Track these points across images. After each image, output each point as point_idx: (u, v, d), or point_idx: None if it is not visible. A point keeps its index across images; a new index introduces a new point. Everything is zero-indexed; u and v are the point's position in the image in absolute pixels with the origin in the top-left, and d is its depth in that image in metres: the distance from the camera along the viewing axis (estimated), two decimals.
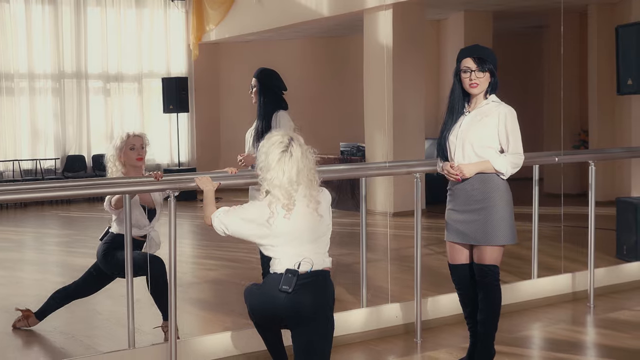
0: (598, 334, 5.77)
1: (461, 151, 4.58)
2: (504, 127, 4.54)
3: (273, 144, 4.02)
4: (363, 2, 11.91)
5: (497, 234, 4.52)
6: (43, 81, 14.35)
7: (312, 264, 3.97)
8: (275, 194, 3.96)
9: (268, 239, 4.00)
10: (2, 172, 13.91)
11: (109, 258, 5.35)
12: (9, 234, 10.97)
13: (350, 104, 14.43)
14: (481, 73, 4.52)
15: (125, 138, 5.52)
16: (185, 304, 6.40)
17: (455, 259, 4.68)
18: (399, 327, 5.59)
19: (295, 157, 3.98)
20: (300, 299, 3.91)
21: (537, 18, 13.81)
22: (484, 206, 4.52)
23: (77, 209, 13.28)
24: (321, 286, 4.01)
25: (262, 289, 4.01)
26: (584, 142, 13.29)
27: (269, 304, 3.95)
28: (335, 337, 5.27)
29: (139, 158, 5.51)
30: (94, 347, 5.29)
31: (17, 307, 5.80)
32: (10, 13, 13.99)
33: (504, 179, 4.57)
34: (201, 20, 15.68)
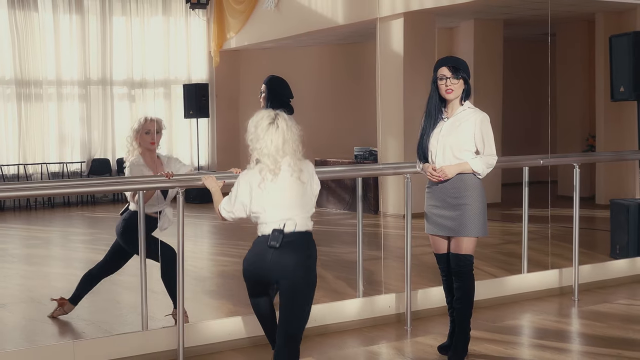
0: (577, 323, 6.22)
1: (442, 154, 5.06)
2: (479, 131, 5.02)
3: (261, 117, 4.54)
4: (376, 11, 12.36)
5: (472, 226, 5.01)
6: (70, 88, 14.90)
7: (296, 224, 4.43)
8: (265, 161, 4.46)
9: (260, 206, 4.45)
10: (31, 174, 14.47)
11: (126, 236, 5.77)
12: (37, 232, 11.53)
13: (364, 109, 14.88)
14: (456, 80, 5.01)
15: (143, 122, 5.92)
16: (200, 295, 6.91)
17: (439, 249, 5.17)
18: (391, 316, 6.06)
19: (282, 129, 4.50)
20: (286, 254, 4.35)
21: (546, 26, 14.16)
22: (460, 202, 5.01)
23: (102, 210, 13.81)
24: (304, 244, 4.44)
25: (252, 251, 4.49)
26: (591, 147, 13.65)
27: (259, 261, 4.41)
28: (331, 324, 5.83)
29: (152, 142, 5.89)
30: (110, 332, 5.80)
31: (52, 298, 6.23)
32: (39, 22, 14.56)
33: (479, 178, 5.06)
34: (222, 29, 16.20)
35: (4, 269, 8.55)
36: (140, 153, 5.92)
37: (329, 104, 15.77)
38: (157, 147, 5.99)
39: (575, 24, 14.05)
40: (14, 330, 6.04)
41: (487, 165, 5.06)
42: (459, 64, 5.05)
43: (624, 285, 7.27)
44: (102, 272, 6.20)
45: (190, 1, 15.88)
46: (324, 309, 5.85)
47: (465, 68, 5.06)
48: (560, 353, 5.30)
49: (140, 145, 5.92)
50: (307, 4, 13.89)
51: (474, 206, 5.00)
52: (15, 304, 6.85)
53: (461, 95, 5.08)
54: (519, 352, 5.32)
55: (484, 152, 5.06)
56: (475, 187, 5.05)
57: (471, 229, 5.02)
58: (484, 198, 5.09)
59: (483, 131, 5.04)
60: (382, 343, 5.60)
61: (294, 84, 7.23)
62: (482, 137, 5.04)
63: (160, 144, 6.05)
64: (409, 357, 5.31)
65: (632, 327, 5.85)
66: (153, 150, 5.95)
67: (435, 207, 5.11)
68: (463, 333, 5.11)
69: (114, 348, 5.07)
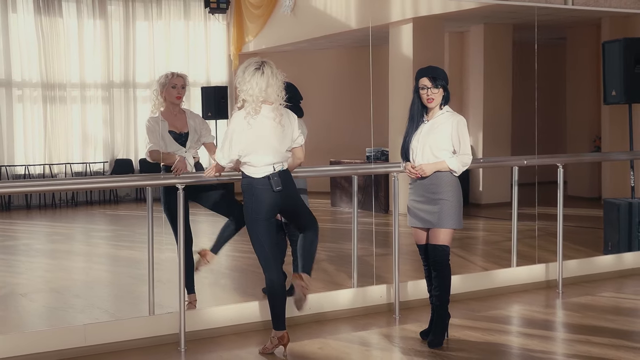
0: (555, 313, 6.63)
1: (421, 153, 5.52)
2: (456, 133, 5.49)
3: (249, 64, 5.25)
4: (387, 16, 12.79)
5: (448, 219, 5.47)
6: (93, 90, 15.41)
7: (282, 164, 5.32)
8: (249, 101, 5.15)
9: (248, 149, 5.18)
10: (57, 174, 15.00)
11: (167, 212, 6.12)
12: (60, 229, 12.07)
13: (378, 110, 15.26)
14: (436, 89, 5.47)
15: (170, 76, 6.12)
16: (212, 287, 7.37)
17: (420, 241, 5.63)
18: (382, 305, 6.50)
19: (267, 75, 5.19)
20: (287, 188, 5.29)
21: (555, 30, 14.53)
22: (437, 197, 5.48)
23: (124, 208, 14.32)
24: (290, 177, 5.39)
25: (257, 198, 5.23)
26: (598, 148, 13.97)
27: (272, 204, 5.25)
28: (326, 312, 6.30)
29: (178, 97, 6.10)
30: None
31: (196, 251, 6.34)
32: (64, 28, 15.09)
33: (455, 175, 5.52)
34: (241, 32, 16.67)
35: (28, 262, 9.08)
36: (162, 110, 6.15)
37: (345, 106, 16.18)
38: (181, 102, 6.21)
39: (583, 28, 14.40)
40: (34, 316, 6.55)
41: (463, 164, 5.51)
42: (437, 74, 5.50)
43: (610, 280, 7.64)
44: (235, 224, 6.32)
45: (210, 6, 16.36)
46: (320, 297, 6.32)
47: (443, 77, 5.52)
48: (533, 339, 5.72)
49: (166, 100, 6.15)
50: (322, 9, 14.36)
51: (450, 201, 5.46)
52: (35, 293, 7.35)
53: (441, 102, 5.52)
54: (495, 338, 5.73)
55: (460, 152, 5.51)
56: (452, 184, 5.50)
57: (447, 221, 5.47)
58: (460, 194, 5.54)
59: (459, 133, 5.51)
60: (372, 329, 6.03)
61: (310, 86, 7.69)
62: (458, 138, 5.50)
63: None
64: (395, 341, 5.75)
65: (606, 317, 6.26)
66: (178, 105, 6.17)
67: (416, 202, 5.56)
68: (441, 319, 5.56)
69: (122, 331, 5.56)
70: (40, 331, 5.59)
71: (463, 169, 5.51)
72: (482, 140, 13.67)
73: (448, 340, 5.61)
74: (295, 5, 14.87)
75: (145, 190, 6.17)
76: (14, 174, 14.88)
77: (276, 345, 5.36)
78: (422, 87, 5.49)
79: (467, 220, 10.89)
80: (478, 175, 12.86)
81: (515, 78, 14.52)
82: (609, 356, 5.25)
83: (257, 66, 5.22)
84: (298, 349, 5.54)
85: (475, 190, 13.18)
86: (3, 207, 12.81)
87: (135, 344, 5.56)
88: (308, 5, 14.63)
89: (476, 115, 13.89)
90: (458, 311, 6.32)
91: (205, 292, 7.03)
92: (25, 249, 9.99)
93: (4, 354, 5.20)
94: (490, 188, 12.99)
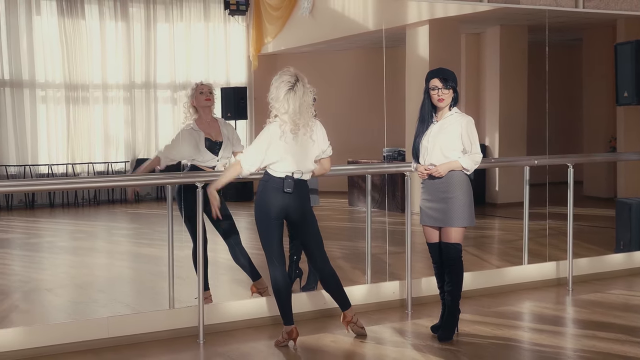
0: (564, 310, 6.79)
1: (432, 153, 5.71)
2: (466, 133, 5.67)
3: (282, 81, 5.46)
4: (403, 18, 12.96)
5: (459, 218, 5.65)
6: (115, 91, 15.63)
7: (302, 173, 5.53)
8: (284, 118, 5.41)
9: (276, 156, 5.42)
10: (79, 173, 15.27)
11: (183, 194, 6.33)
12: (83, 226, 12.33)
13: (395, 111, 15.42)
14: (446, 90, 5.64)
15: (195, 86, 6.45)
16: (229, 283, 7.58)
17: (431, 239, 5.80)
18: (395, 301, 6.70)
19: (299, 94, 5.41)
20: (298, 195, 5.52)
21: (571, 31, 14.64)
22: (449, 196, 5.65)
23: (145, 207, 14.56)
24: (305, 188, 5.61)
25: (267, 196, 5.47)
26: (614, 149, 14.07)
27: (280, 205, 5.47)
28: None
29: (207, 98, 6.40)
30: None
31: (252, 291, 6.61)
32: (87, 30, 15.31)
33: (467, 174, 5.69)
34: (260, 34, 16.86)
35: (52, 259, 9.34)
36: (196, 119, 6.41)
37: (363, 106, 16.33)
38: (212, 109, 6.47)
39: (599, 29, 14.51)
40: (59, 310, 6.79)
41: (474, 162, 5.69)
42: (448, 76, 5.67)
43: (620, 278, 7.80)
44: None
45: (229, 8, 16.58)
46: None
47: (453, 79, 5.69)
48: (540, 333, 5.90)
49: (197, 109, 6.42)
50: (340, 11, 14.55)
51: (461, 199, 5.63)
52: (60, 288, 7.59)
53: (450, 103, 5.70)
54: (504, 333, 5.91)
55: (471, 151, 5.68)
56: (463, 182, 5.68)
57: (458, 220, 5.65)
58: (471, 192, 5.71)
59: (469, 132, 5.68)
60: (384, 324, 6.22)
61: (329, 86, 7.87)
62: (468, 137, 5.68)
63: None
64: (406, 335, 5.94)
65: (614, 313, 6.43)
66: (209, 107, 6.43)
67: (428, 201, 5.74)
68: (452, 314, 5.74)
69: (143, 324, 5.79)
70: (65, 323, 5.83)
71: (475, 167, 5.69)
72: (498, 140, 13.79)
73: (458, 335, 5.80)
74: (314, 7, 15.05)
75: (166, 189, 6.40)
76: (37, 173, 15.16)
77: (286, 339, 5.58)
78: (432, 88, 5.67)
79: (484, 219, 11.10)
80: (494, 176, 12.98)
81: (531, 79, 14.62)
82: (614, 351, 5.41)
83: (290, 86, 5.42)
84: (312, 342, 5.75)
85: (492, 190, 13.30)
86: (27, 206, 13.07)
87: (155, 336, 5.80)
88: (326, 7, 14.81)
89: (492, 116, 14.01)
90: (469, 307, 6.51)
91: (224, 287, 7.25)
92: (49, 246, 10.25)
93: (31, 345, 5.45)
94: (506, 188, 13.10)
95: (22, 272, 8.62)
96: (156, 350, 5.62)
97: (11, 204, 12.49)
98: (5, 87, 15.06)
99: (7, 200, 12.56)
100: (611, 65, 14.37)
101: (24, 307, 6.74)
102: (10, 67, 15.01)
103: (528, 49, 14.33)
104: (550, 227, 8.24)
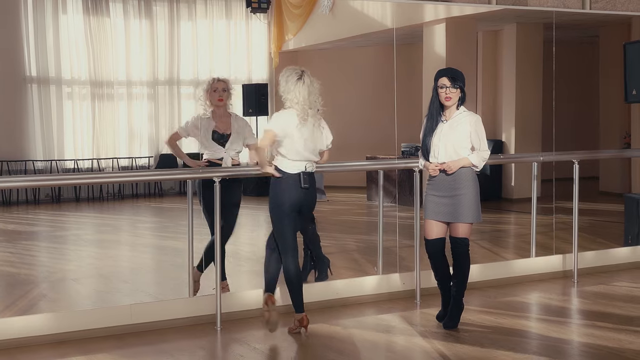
0: (570, 300, 7.05)
1: (444, 151, 5.97)
2: (475, 131, 5.93)
3: (290, 74, 5.83)
4: (420, 16, 13.21)
5: (467, 214, 5.92)
6: (139, 88, 15.96)
7: (313, 165, 5.89)
8: (296, 108, 5.76)
9: (288, 146, 5.76)
10: (104, 168, 15.62)
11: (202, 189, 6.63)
12: (107, 220, 12.70)
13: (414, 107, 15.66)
14: (454, 89, 5.90)
15: (211, 82, 6.64)
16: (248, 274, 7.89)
17: (432, 234, 6.05)
18: (405, 292, 6.99)
19: (307, 83, 5.79)
20: (311, 189, 5.87)
21: (588, 29, 14.81)
22: (458, 193, 5.91)
23: (168, 201, 14.90)
24: (314, 181, 5.95)
25: (283, 190, 5.79)
26: (628, 145, 14.24)
27: (296, 198, 5.80)
28: (351, 297, 6.79)
29: (219, 99, 6.59)
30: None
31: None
32: (112, 27, 15.68)
33: (476, 170, 5.96)
34: (281, 31, 17.12)
35: (78, 251, 9.69)
36: (212, 111, 6.68)
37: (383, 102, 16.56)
38: (226, 105, 6.67)
39: (615, 27, 14.66)
40: (85, 298, 7.13)
41: (482, 159, 5.97)
42: (456, 75, 5.94)
43: (626, 271, 8.04)
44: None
45: (251, 6, 16.87)
46: (347, 283, 6.87)
47: (461, 78, 5.96)
48: (541, 322, 6.21)
49: (211, 103, 6.68)
50: (359, 8, 14.79)
51: (470, 196, 5.90)
52: (86, 278, 7.94)
53: (458, 102, 5.97)
54: (507, 321, 6.18)
55: (480, 148, 5.95)
56: (471, 179, 5.95)
57: (468, 216, 5.92)
58: (478, 189, 5.98)
59: (478, 131, 5.95)
60: (393, 313, 6.52)
61: (348, 83, 8.11)
62: (477, 135, 5.95)
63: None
64: (414, 323, 6.23)
65: (615, 304, 6.68)
66: (220, 106, 6.63)
67: (434, 196, 6.01)
68: (458, 304, 6.02)
69: (164, 311, 6.13)
70: (90, 310, 6.19)
71: (483, 163, 5.97)
72: (514, 136, 14.02)
73: (461, 323, 6.07)
74: (334, 5, 15.32)
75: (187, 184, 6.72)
76: (63, 168, 15.52)
77: (298, 326, 5.90)
78: (440, 86, 5.94)
79: (499, 214, 11.35)
80: (510, 171, 13.21)
81: (546, 76, 14.80)
82: (609, 338, 5.68)
83: (298, 76, 5.81)
84: (324, 329, 6.06)
85: (508, 185, 13.53)
86: (54, 200, 13.44)
87: (175, 322, 6.13)
88: (346, 5, 15.06)
89: (508, 112, 14.24)
90: (475, 297, 6.80)
91: (243, 277, 7.58)
92: (74, 239, 10.62)
93: (58, 330, 5.80)
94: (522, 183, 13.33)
95: (50, 263, 9.00)
96: (176, 335, 5.94)
97: (38, 198, 12.87)
98: (33, 84, 15.45)
99: (34, 195, 12.96)
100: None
101: (52, 296, 7.10)
102: (37, 64, 15.38)
103: (544, 46, 14.53)
104: (562, 221, 8.47)
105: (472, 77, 13.24)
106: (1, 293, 7.26)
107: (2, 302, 6.80)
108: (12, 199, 12.47)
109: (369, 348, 5.73)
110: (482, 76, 13.64)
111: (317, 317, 6.24)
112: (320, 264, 7.04)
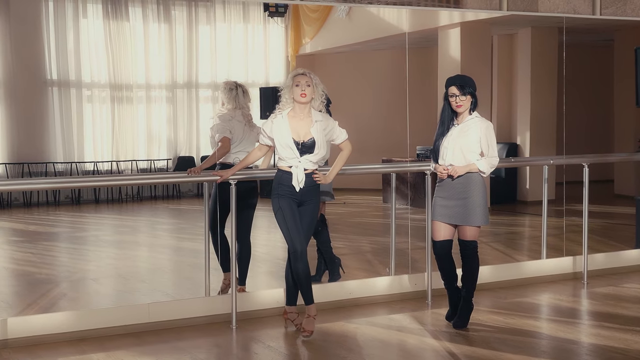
0: (578, 301, 7.16)
1: (452, 154, 6.11)
2: (485, 137, 6.06)
3: (292, 74, 6.05)
4: (436, 21, 13.34)
5: (475, 217, 6.05)
6: (158, 91, 16.11)
7: (313, 164, 5.96)
8: (293, 107, 5.92)
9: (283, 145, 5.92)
10: (123, 170, 15.81)
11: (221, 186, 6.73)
12: (126, 221, 12.88)
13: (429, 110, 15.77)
14: (464, 97, 6.04)
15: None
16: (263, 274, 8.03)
17: (440, 236, 6.19)
18: (416, 292, 7.13)
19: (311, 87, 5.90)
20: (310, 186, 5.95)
21: (603, 32, 14.87)
22: (465, 196, 6.05)
23: (186, 203, 15.08)
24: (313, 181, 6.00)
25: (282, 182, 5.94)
26: None
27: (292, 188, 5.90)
28: (364, 297, 6.94)
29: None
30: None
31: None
32: (131, 31, 15.85)
33: (483, 176, 6.08)
34: (298, 35, 17.27)
35: (97, 252, 9.88)
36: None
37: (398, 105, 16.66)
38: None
39: (630, 30, 14.70)
40: (104, 297, 7.31)
41: (491, 166, 6.09)
42: (465, 82, 6.08)
43: (637, 273, 8.14)
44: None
45: (269, 10, 17.04)
46: (360, 284, 7.03)
47: (471, 84, 6.09)
48: (549, 322, 6.34)
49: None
50: (375, 12, 14.94)
51: (478, 200, 6.04)
52: (105, 278, 8.13)
53: (470, 107, 6.10)
54: (515, 322, 6.31)
55: (488, 154, 6.08)
56: (480, 184, 6.08)
57: (476, 219, 6.06)
58: (485, 193, 6.12)
59: (488, 137, 6.08)
60: (405, 313, 6.66)
61: (364, 86, 8.19)
62: (487, 142, 6.07)
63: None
64: (425, 323, 6.37)
65: (623, 305, 6.81)
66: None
67: (443, 199, 6.15)
68: (467, 304, 6.16)
69: (181, 310, 6.30)
70: (109, 308, 6.36)
71: (491, 170, 6.10)
72: (529, 140, 14.11)
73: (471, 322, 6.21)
74: (350, 9, 15.46)
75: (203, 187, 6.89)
76: (83, 170, 15.72)
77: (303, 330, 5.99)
78: (451, 95, 6.08)
79: (514, 216, 11.47)
80: (525, 174, 13.31)
81: (561, 79, 14.89)
82: (615, 338, 5.80)
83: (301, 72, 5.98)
84: (337, 328, 6.21)
85: (523, 188, 13.63)
86: (73, 201, 13.64)
87: (192, 321, 6.31)
88: (362, 9, 15.21)
89: (523, 116, 14.34)
90: (486, 298, 6.93)
91: (259, 278, 7.74)
92: (94, 240, 10.82)
93: (78, 328, 5.98)
94: (537, 186, 13.43)
95: (69, 263, 9.20)
96: (192, 334, 6.11)
97: (58, 200, 13.06)
98: (53, 87, 15.65)
99: (54, 196, 13.16)
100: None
101: (72, 295, 7.28)
102: (58, 68, 15.58)
103: (559, 50, 14.61)
104: (574, 223, 8.57)
105: (487, 80, 13.37)
106: (23, 292, 7.47)
107: (23, 300, 7.00)
108: (32, 200, 12.67)
109: (380, 347, 5.86)
110: (497, 80, 13.76)
111: (331, 316, 6.40)
112: (332, 265, 7.20)
